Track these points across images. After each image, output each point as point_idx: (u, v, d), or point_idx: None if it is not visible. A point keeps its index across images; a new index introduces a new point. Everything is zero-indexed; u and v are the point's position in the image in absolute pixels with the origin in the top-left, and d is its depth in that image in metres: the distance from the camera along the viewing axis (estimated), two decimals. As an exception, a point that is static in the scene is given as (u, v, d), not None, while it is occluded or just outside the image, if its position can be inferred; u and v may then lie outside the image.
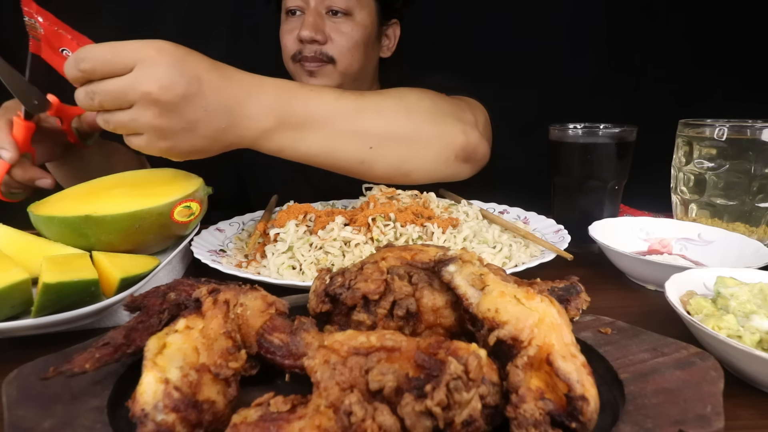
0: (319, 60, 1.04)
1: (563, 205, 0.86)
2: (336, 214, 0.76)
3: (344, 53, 1.05)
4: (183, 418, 0.33)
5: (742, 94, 1.35)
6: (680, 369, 0.39)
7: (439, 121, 0.79)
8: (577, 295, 0.47)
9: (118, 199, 0.65)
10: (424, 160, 0.78)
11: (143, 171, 0.75)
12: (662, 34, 1.63)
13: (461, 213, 0.82)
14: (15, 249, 0.59)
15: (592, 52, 1.67)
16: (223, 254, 0.75)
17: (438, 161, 0.79)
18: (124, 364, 0.41)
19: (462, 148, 0.80)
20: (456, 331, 0.43)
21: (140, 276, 0.58)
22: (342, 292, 0.43)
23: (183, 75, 0.58)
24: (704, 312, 0.49)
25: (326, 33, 1.03)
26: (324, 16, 1.03)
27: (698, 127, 0.78)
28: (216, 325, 0.40)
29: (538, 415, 0.31)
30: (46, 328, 0.50)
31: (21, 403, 0.36)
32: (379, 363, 0.34)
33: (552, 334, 0.35)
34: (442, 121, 0.80)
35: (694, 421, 0.33)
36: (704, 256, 0.72)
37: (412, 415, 0.30)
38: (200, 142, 0.62)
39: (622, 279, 0.70)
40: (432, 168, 0.79)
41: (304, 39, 1.01)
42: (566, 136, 0.82)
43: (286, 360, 0.39)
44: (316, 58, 1.03)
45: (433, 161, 0.79)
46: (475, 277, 0.40)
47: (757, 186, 0.74)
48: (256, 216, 0.91)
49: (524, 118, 1.42)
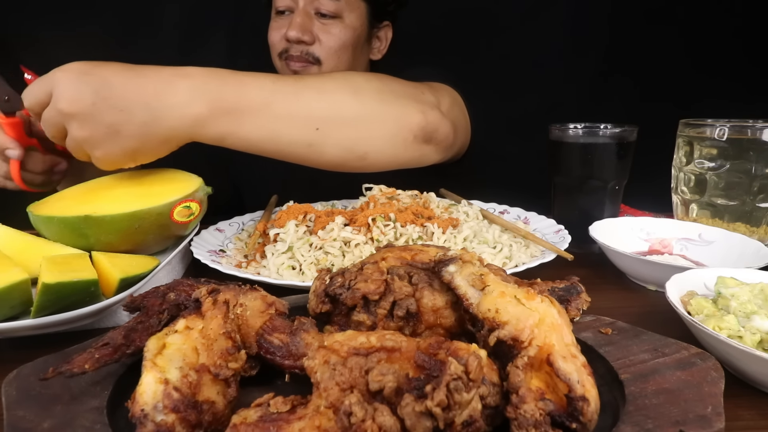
0: (305, 60, 1.04)
1: (563, 205, 0.86)
2: (336, 214, 0.76)
3: (331, 55, 1.05)
4: (183, 418, 0.32)
5: (744, 95, 1.35)
6: (681, 369, 0.39)
7: (391, 101, 0.77)
8: (578, 295, 0.47)
9: (117, 199, 0.65)
10: (380, 141, 0.75)
11: (143, 171, 0.75)
12: (663, 35, 1.63)
13: (461, 213, 0.82)
14: (15, 249, 0.59)
15: (592, 52, 1.67)
16: (222, 254, 0.75)
17: (395, 143, 0.76)
18: (123, 365, 0.41)
19: (420, 128, 0.77)
20: (456, 332, 0.43)
21: (140, 276, 0.58)
22: (342, 292, 0.43)
23: (89, 84, 0.60)
24: (705, 312, 0.49)
25: (314, 33, 1.03)
26: (313, 16, 1.03)
27: (699, 127, 0.78)
28: (216, 325, 0.40)
29: (538, 416, 0.31)
30: (45, 328, 0.50)
31: (20, 404, 0.36)
32: (379, 363, 0.33)
33: (552, 335, 0.35)
34: (396, 102, 0.77)
35: (694, 422, 0.33)
36: (705, 257, 0.72)
37: (413, 416, 0.30)
38: (131, 143, 0.64)
39: (622, 279, 0.70)
40: (390, 151, 0.77)
41: (291, 39, 1.02)
42: (567, 136, 0.82)
43: (285, 360, 0.39)
44: (301, 58, 1.04)
45: (389, 143, 0.76)
46: (476, 277, 0.40)
47: (757, 186, 0.74)
48: (256, 216, 0.91)
49: (524, 119, 1.42)
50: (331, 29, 1.04)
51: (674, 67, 1.64)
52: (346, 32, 1.05)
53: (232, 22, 1.54)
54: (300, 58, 1.04)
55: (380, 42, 1.17)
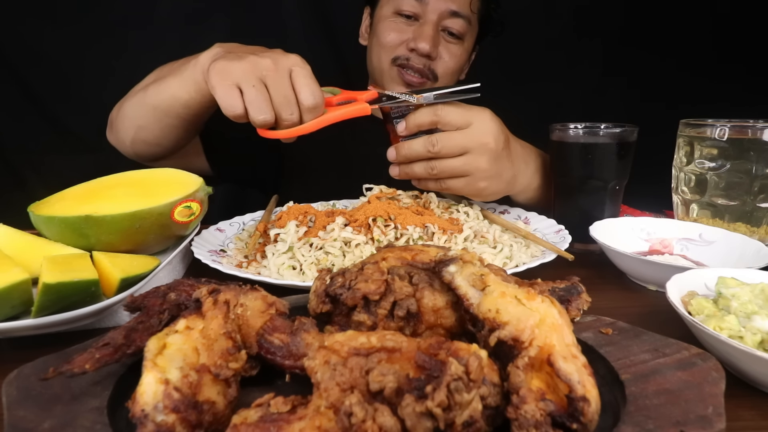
0: (423, 74, 1.04)
1: (564, 205, 0.86)
2: (336, 215, 0.76)
3: (447, 74, 1.07)
4: (183, 418, 0.32)
5: (745, 96, 1.35)
6: (681, 370, 0.39)
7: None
8: (578, 295, 0.47)
9: (118, 199, 0.65)
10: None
11: (143, 171, 0.75)
12: (663, 36, 1.63)
13: (461, 213, 0.82)
14: (15, 249, 0.59)
15: (593, 53, 1.67)
16: (223, 254, 0.75)
17: None
18: (124, 365, 0.41)
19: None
20: (457, 332, 0.43)
21: (140, 276, 0.58)
22: (342, 292, 0.43)
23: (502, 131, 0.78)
24: (705, 312, 0.49)
25: (438, 50, 1.04)
26: (440, 32, 1.04)
27: (699, 127, 0.78)
28: (216, 325, 0.40)
29: (539, 416, 0.31)
30: (46, 328, 0.50)
31: (21, 404, 0.36)
32: (380, 364, 0.33)
33: (553, 335, 0.35)
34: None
35: (695, 422, 0.33)
36: (705, 257, 0.72)
37: (413, 416, 0.30)
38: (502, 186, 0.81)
39: (623, 279, 0.70)
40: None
41: (420, 51, 1.02)
42: (567, 136, 0.82)
43: (286, 360, 0.39)
44: (421, 71, 1.04)
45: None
46: (476, 277, 0.40)
47: (758, 186, 0.74)
48: (256, 216, 0.91)
49: (524, 119, 1.42)
50: (454, 49, 1.06)
51: (674, 67, 1.64)
52: (464, 55, 1.08)
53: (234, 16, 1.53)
54: (420, 70, 1.04)
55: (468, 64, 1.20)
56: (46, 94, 1.51)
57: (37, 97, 1.51)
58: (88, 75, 1.48)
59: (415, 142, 0.75)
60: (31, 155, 1.54)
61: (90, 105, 1.46)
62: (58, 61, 1.47)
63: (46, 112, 1.52)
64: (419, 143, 0.75)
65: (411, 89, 1.02)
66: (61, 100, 1.52)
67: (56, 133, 1.53)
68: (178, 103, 0.81)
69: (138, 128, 0.87)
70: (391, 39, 1.05)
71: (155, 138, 0.88)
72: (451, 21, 1.03)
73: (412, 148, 0.75)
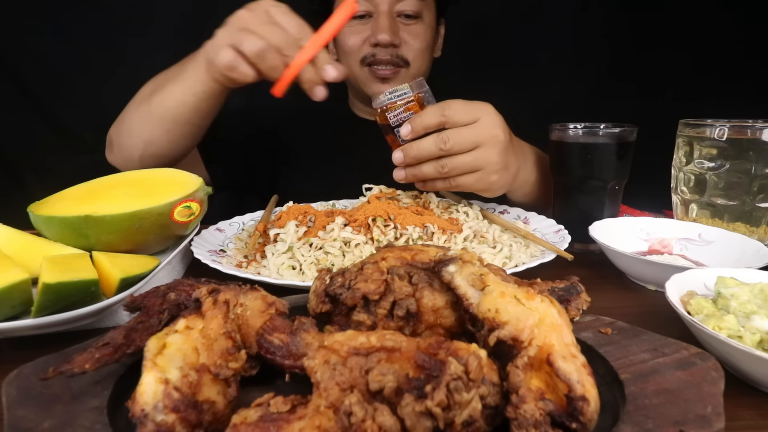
0: (394, 64, 1.04)
1: (563, 205, 0.86)
2: (336, 214, 0.76)
3: (418, 56, 1.05)
4: (183, 418, 0.32)
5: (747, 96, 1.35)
6: (681, 369, 0.39)
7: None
8: (578, 295, 0.47)
9: (118, 199, 0.65)
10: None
11: (143, 171, 0.75)
12: (663, 37, 1.63)
13: (461, 213, 0.82)
14: (15, 249, 0.59)
15: (593, 53, 1.67)
16: (223, 254, 0.75)
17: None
18: (124, 365, 0.41)
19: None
20: (456, 332, 0.43)
21: (140, 276, 0.58)
22: (342, 292, 0.43)
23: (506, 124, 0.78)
24: (705, 312, 0.49)
25: (400, 36, 1.03)
26: (395, 18, 1.03)
27: (699, 127, 0.78)
28: (216, 325, 0.40)
29: (538, 416, 0.31)
30: (46, 328, 0.50)
31: (21, 403, 0.36)
32: (379, 363, 0.33)
33: (552, 335, 0.35)
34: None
35: (694, 422, 0.33)
36: (705, 257, 0.72)
37: (413, 416, 0.30)
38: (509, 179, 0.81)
39: (622, 279, 0.70)
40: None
41: (382, 42, 1.01)
42: (567, 136, 0.82)
43: (286, 360, 0.39)
44: (391, 62, 1.04)
45: None
46: (476, 277, 0.40)
47: (757, 186, 0.74)
48: (256, 216, 0.91)
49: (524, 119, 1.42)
50: (415, 30, 1.05)
51: (676, 66, 1.64)
52: (427, 31, 1.06)
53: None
54: (390, 61, 1.04)
55: (439, 39, 1.18)
56: (45, 94, 1.51)
57: (37, 97, 1.51)
58: (88, 75, 1.48)
59: (425, 141, 0.74)
60: (31, 155, 1.54)
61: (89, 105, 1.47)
62: (58, 62, 1.47)
63: (45, 112, 1.52)
64: (429, 141, 0.74)
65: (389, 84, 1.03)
66: (60, 101, 1.52)
67: (56, 133, 1.53)
68: (185, 107, 0.81)
69: (146, 143, 0.86)
70: (353, 42, 1.05)
71: (165, 150, 0.87)
72: (402, 4, 1.03)
73: (422, 147, 0.74)
